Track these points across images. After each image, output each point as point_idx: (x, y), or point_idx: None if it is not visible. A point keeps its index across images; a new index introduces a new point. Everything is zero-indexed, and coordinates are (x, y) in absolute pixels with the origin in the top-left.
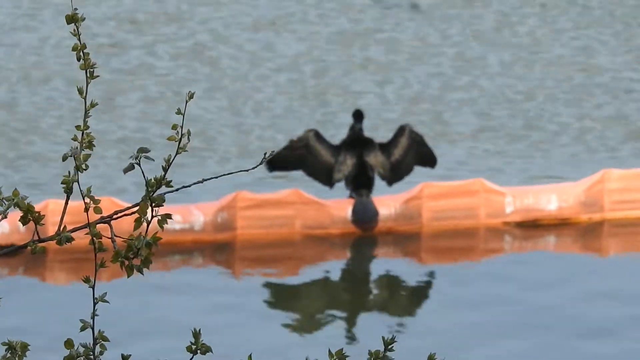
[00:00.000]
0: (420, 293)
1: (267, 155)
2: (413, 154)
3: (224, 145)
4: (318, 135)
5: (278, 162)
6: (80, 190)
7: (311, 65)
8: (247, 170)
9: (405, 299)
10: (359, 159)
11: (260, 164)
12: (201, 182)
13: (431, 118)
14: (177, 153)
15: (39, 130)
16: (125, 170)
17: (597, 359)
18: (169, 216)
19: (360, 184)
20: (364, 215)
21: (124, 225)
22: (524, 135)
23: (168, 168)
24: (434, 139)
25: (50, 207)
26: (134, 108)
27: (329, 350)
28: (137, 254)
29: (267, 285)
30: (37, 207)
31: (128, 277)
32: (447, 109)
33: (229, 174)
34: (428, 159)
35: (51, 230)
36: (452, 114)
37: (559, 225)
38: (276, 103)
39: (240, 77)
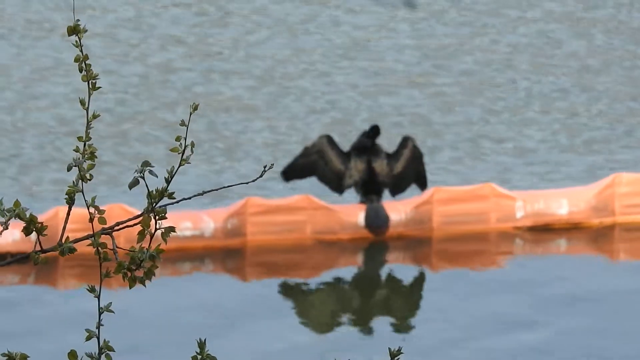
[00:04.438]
0: (431, 298)
1: (266, 168)
2: (413, 168)
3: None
4: (330, 141)
5: (293, 171)
6: (85, 201)
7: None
8: (247, 183)
9: (416, 304)
10: (368, 165)
11: (261, 176)
12: (201, 194)
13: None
14: (179, 165)
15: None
16: (131, 186)
17: None
18: (172, 229)
19: (370, 189)
20: (377, 221)
21: (134, 232)
22: (532, 138)
23: (171, 180)
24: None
25: (61, 214)
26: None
27: None
28: (140, 266)
29: (278, 291)
30: (47, 214)
31: (130, 288)
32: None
33: (229, 186)
34: (420, 180)
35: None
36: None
37: (570, 229)
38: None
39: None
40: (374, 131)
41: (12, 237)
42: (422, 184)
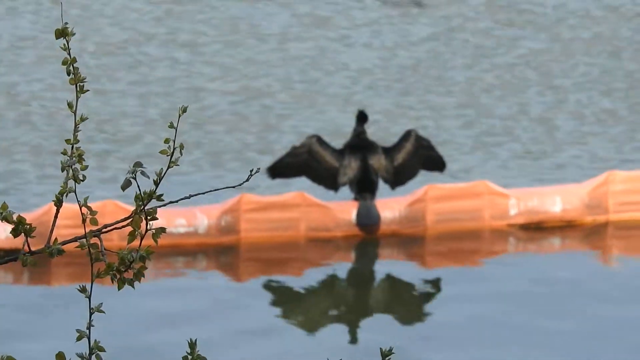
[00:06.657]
0: (424, 295)
1: (253, 172)
2: (418, 159)
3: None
4: (321, 141)
5: (280, 169)
6: (78, 201)
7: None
8: (234, 187)
9: (410, 301)
10: (363, 162)
11: (247, 180)
12: (188, 197)
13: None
14: (168, 167)
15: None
16: (123, 187)
17: None
18: (163, 230)
19: (364, 187)
20: (368, 219)
21: (127, 230)
22: (528, 135)
23: (159, 182)
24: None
25: (53, 211)
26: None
27: None
28: (130, 267)
29: (272, 288)
30: (40, 211)
31: (119, 289)
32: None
33: (215, 190)
34: (436, 163)
35: (60, 234)
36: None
37: (563, 227)
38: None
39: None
40: (361, 116)
41: (5, 234)
42: (440, 167)
